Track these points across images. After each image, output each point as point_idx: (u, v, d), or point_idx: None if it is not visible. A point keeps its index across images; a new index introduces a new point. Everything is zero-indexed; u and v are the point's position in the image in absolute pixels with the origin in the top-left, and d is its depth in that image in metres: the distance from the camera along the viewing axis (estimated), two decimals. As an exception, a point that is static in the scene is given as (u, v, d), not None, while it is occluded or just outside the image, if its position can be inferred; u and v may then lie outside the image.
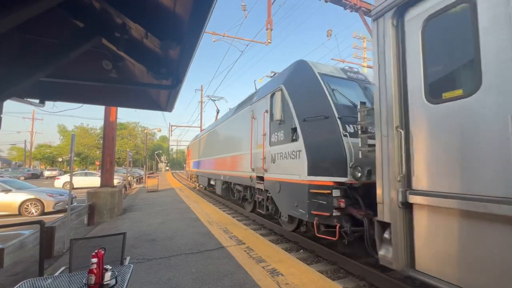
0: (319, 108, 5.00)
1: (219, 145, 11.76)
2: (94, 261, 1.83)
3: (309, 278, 3.35)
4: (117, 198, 7.93)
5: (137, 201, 11.22)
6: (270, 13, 11.07)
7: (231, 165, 9.48)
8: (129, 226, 6.45)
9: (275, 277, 3.41)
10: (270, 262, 3.93)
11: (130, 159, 17.26)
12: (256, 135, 7.20)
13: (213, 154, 12.55)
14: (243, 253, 4.36)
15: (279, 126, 5.88)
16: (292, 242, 6.03)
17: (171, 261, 4.06)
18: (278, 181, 5.78)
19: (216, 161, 11.95)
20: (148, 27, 2.02)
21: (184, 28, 1.99)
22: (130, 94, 4.20)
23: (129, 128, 67.33)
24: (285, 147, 5.66)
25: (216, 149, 12.09)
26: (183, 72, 2.85)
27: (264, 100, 6.95)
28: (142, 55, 2.64)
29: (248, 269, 3.67)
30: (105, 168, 8.28)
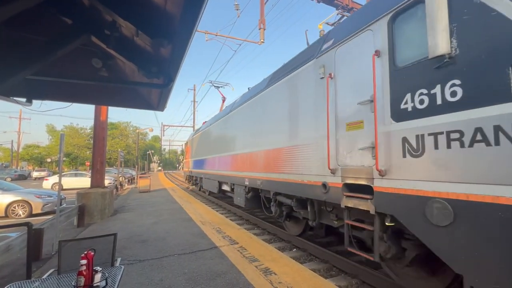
0: None
1: (240, 137, 8.06)
2: (83, 263, 1.80)
3: (302, 277, 3.37)
4: (108, 199, 7.80)
5: (128, 202, 11.06)
6: (263, 13, 11.08)
7: (268, 163, 5.93)
8: (121, 227, 6.35)
9: (268, 276, 3.42)
10: (263, 262, 3.93)
11: (122, 159, 17.00)
12: (341, 105, 3.82)
13: (229, 149, 8.95)
14: (236, 252, 4.35)
15: (439, 70, 2.55)
16: (285, 241, 6.06)
17: (163, 261, 4.02)
18: (445, 198, 2.42)
19: (235, 158, 8.32)
20: (138, 25, 1.99)
21: (176, 26, 1.97)
22: (121, 93, 4.13)
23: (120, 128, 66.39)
24: (474, 115, 2.26)
25: (235, 142, 8.42)
26: (175, 70, 2.81)
27: (366, 36, 3.53)
28: (132, 53, 2.60)
29: (241, 269, 3.66)
30: (95, 169, 8.14)
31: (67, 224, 6.41)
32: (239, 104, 8.30)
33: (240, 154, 7.89)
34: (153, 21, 2.01)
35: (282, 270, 3.61)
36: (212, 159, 11.18)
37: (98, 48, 2.66)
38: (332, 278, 4.08)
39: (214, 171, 10.81)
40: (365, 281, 3.92)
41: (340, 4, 11.81)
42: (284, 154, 5.26)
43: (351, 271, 4.19)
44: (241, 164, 7.75)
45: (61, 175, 5.51)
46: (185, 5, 1.76)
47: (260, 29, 11.37)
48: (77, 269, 1.82)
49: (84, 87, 3.69)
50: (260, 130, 6.50)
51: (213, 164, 11.09)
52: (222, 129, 10.06)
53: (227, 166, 9.14)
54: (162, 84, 3.15)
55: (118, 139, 63.07)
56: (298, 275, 3.44)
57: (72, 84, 3.41)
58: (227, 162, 9.08)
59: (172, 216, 7.59)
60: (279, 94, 5.68)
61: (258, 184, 6.35)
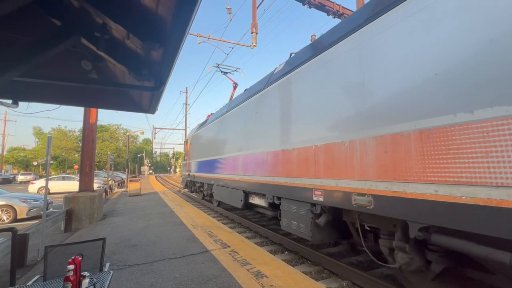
0: None
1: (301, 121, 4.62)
2: (70, 268, 1.76)
3: (293, 279, 3.38)
4: (97, 203, 7.64)
5: (118, 206, 10.86)
6: (255, 17, 11.17)
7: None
8: (110, 231, 6.23)
9: (260, 279, 3.41)
10: (255, 265, 3.93)
11: (111, 162, 16.70)
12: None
13: (272, 142, 5.55)
14: (228, 256, 4.33)
15: None
16: (277, 244, 6.07)
17: (153, 266, 3.96)
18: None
19: (288, 155, 4.92)
20: (129, 27, 1.99)
21: (167, 29, 1.97)
22: (111, 95, 4.08)
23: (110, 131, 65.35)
24: None
25: (294, 128, 4.83)
26: (166, 73, 2.81)
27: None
28: (123, 56, 2.58)
29: (233, 272, 3.65)
30: (84, 172, 7.97)
31: (53, 229, 6.24)
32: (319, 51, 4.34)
33: (312, 147, 4.23)
34: (144, 24, 2.01)
35: (273, 273, 3.61)
36: (233, 159, 7.81)
37: (88, 50, 2.63)
38: (323, 280, 4.11)
39: (235, 175, 7.47)
40: (356, 283, 3.95)
41: (331, 9, 12.04)
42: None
43: (342, 273, 4.22)
44: (303, 164, 4.42)
45: (48, 179, 5.38)
46: (176, 9, 1.77)
47: (253, 33, 11.45)
48: (64, 275, 1.78)
49: (73, 89, 3.63)
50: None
51: (233, 166, 7.77)
52: (254, 114, 6.53)
53: (264, 169, 5.83)
54: (153, 87, 3.14)
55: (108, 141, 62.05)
56: (290, 277, 3.45)
57: (61, 86, 3.35)
58: (266, 163, 5.77)
59: (163, 220, 7.50)
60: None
61: (363, 203, 3.19)
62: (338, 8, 12.19)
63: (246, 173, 6.84)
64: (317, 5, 11.75)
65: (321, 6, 11.93)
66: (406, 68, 2.83)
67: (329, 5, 12.10)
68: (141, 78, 2.78)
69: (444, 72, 2.45)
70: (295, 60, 5.10)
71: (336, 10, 12.08)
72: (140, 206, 10.50)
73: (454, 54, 2.40)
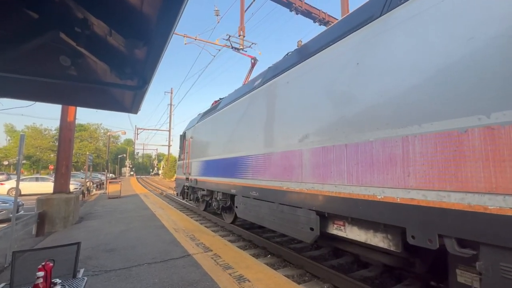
0: None
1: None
2: (40, 275, 1.66)
3: (275, 283, 3.38)
4: (72, 205, 7.29)
5: (96, 208, 10.42)
6: (242, 20, 11.22)
7: None
8: (86, 235, 5.95)
9: (242, 283, 3.38)
10: (237, 269, 3.89)
11: (90, 163, 16.03)
12: None
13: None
14: (210, 260, 4.26)
15: None
16: (260, 248, 6.05)
17: (132, 271, 3.82)
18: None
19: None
20: (112, 24, 1.92)
21: (152, 28, 1.93)
22: (91, 93, 3.92)
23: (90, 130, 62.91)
24: None
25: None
26: (150, 73, 2.74)
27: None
28: (105, 53, 2.49)
29: (215, 277, 3.59)
30: (59, 173, 7.59)
31: (24, 233, 5.87)
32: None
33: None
34: (127, 22, 1.95)
35: (256, 276, 3.59)
36: (298, 154, 4.40)
37: (66, 45, 2.51)
38: (305, 283, 4.14)
39: (299, 184, 4.32)
40: (337, 285, 4.01)
41: (317, 17, 12.34)
42: None
43: (324, 276, 4.27)
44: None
45: (19, 179, 5.07)
46: (162, 7, 1.73)
47: (240, 36, 11.48)
48: (33, 283, 1.67)
49: (50, 85, 3.46)
50: None
51: (294, 167, 4.45)
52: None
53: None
54: (136, 86, 3.04)
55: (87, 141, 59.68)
56: (272, 281, 3.44)
57: (36, 81, 3.18)
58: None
59: (144, 224, 7.27)
60: None
61: None
62: (324, 16, 12.51)
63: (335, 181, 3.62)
64: (304, 11, 12.02)
65: (308, 13, 12.20)
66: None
67: (316, 12, 12.40)
68: (123, 77, 2.70)
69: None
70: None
71: (322, 18, 12.39)
72: (119, 209, 10.13)
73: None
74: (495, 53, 2.18)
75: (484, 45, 2.25)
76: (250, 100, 6.28)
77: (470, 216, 2.24)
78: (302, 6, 11.64)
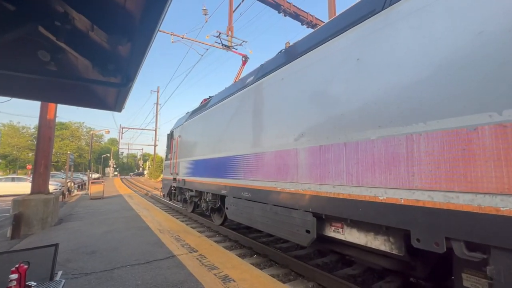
0: None
1: None
2: (13, 278, 1.59)
3: (260, 283, 3.39)
4: (52, 206, 7.01)
5: (77, 210, 10.06)
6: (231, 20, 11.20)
7: None
8: (66, 237, 5.74)
9: (227, 283, 3.37)
10: (222, 269, 3.87)
11: (71, 163, 15.47)
12: None
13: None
14: (195, 261, 4.22)
15: None
16: (246, 248, 6.05)
17: (113, 274, 3.71)
18: None
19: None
20: (94, 19, 1.87)
21: (136, 24, 1.89)
22: (73, 90, 3.79)
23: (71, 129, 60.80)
24: None
25: None
26: (135, 70, 2.69)
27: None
28: (86, 49, 2.42)
29: (200, 277, 3.55)
30: (38, 173, 7.28)
31: (-2, 235, 5.59)
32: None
33: None
34: (110, 17, 1.90)
35: (241, 276, 3.59)
36: (293, 153, 4.26)
37: (46, 39, 2.42)
38: (290, 282, 4.18)
39: (295, 184, 4.17)
40: (321, 283, 4.07)
41: (305, 19, 12.50)
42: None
43: (309, 274, 4.33)
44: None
45: (-7, 179, 4.81)
46: (146, 4, 1.71)
47: (228, 36, 11.45)
48: (6, 286, 1.60)
49: (27, 81, 3.32)
50: None
51: (291, 167, 4.28)
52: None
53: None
54: (119, 84, 2.97)
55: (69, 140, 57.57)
56: (257, 281, 3.45)
57: (13, 76, 3.04)
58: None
59: (127, 225, 7.09)
60: None
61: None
62: (311, 18, 12.69)
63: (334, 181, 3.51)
64: (292, 14, 12.14)
65: (296, 15, 12.33)
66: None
67: (303, 15, 12.56)
68: (106, 74, 2.63)
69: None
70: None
71: (309, 21, 12.57)
72: (102, 210, 9.84)
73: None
74: (507, 47, 2.10)
75: (495, 39, 2.16)
76: (243, 98, 6.02)
77: (480, 218, 2.12)
78: (290, 8, 11.77)
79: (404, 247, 2.94)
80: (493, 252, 2.12)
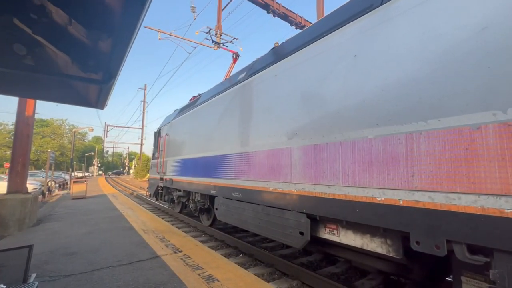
0: None
1: None
2: (-19, 281, 1.51)
3: (244, 282, 3.39)
4: (30, 206, 6.73)
5: (57, 210, 9.71)
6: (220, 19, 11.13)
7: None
8: (44, 238, 5.53)
9: (211, 283, 3.35)
10: (207, 269, 3.84)
11: (52, 161, 14.91)
12: None
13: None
14: (179, 261, 4.17)
15: None
16: (232, 248, 6.04)
17: (94, 275, 3.61)
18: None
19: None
20: (71, 13, 1.81)
21: (116, 19, 1.84)
22: (52, 85, 3.63)
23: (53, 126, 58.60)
24: None
25: None
26: (117, 67, 2.61)
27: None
28: (65, 43, 2.32)
29: (183, 278, 3.52)
30: (15, 171, 6.97)
31: (-30, 237, 5.32)
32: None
33: None
34: (89, 11, 1.85)
35: (225, 276, 3.58)
36: (287, 152, 4.18)
37: (21, 32, 2.32)
38: (275, 281, 4.21)
39: (287, 184, 4.08)
40: (305, 282, 4.13)
41: (294, 20, 12.60)
42: None
43: (293, 273, 4.37)
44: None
45: (-35, 178, 4.57)
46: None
47: (217, 34, 11.37)
48: (-27, 290, 1.53)
49: (2, 75, 3.16)
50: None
51: (283, 167, 4.19)
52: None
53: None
54: (101, 80, 2.89)
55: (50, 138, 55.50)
56: (241, 280, 3.45)
57: (-14, 70, 2.90)
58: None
59: (110, 225, 6.91)
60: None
61: None
62: (300, 20, 12.80)
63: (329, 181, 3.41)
64: (281, 14, 12.20)
65: (285, 16, 12.41)
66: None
67: (292, 16, 12.65)
68: (86, 70, 2.55)
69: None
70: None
71: (298, 22, 12.68)
72: (84, 210, 9.54)
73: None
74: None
75: (500, 34, 2.10)
76: (234, 95, 5.82)
77: (483, 220, 2.05)
78: (279, 9, 11.82)
79: (402, 249, 2.88)
80: (497, 256, 2.05)
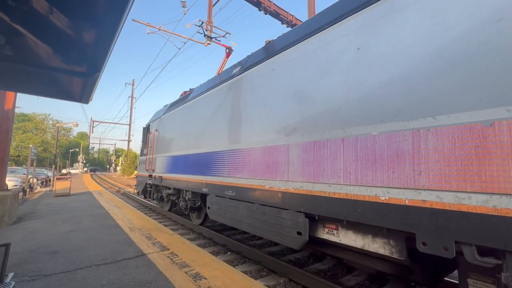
0: None
1: None
2: (-48, 282, 1.43)
3: (232, 279, 3.38)
4: (9, 204, 6.47)
5: (39, 208, 9.38)
6: (210, 14, 11.00)
7: None
8: (24, 237, 5.33)
9: (198, 281, 3.32)
10: (194, 267, 3.81)
11: (34, 157, 14.36)
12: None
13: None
14: (166, 259, 4.11)
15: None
16: (220, 245, 6.01)
17: (76, 274, 3.51)
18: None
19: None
20: (52, 1, 1.73)
21: (100, 9, 1.78)
22: (33, 78, 3.48)
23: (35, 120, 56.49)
24: None
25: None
26: (102, 59, 2.53)
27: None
28: (46, 33, 2.22)
29: (169, 276, 3.47)
30: (-7, 167, 6.68)
31: None
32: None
33: None
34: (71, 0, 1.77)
35: (212, 274, 3.56)
36: (283, 149, 4.03)
37: None
38: (262, 278, 4.22)
39: (287, 183, 3.88)
40: (292, 279, 4.16)
41: (285, 19, 12.60)
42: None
43: (280, 270, 4.40)
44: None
45: None
46: (112, -11, 1.61)
47: (207, 30, 11.24)
48: None
49: (-21, 65, 3.00)
50: None
51: (280, 164, 4.03)
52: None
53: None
54: (85, 73, 2.79)
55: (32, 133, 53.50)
56: (229, 278, 3.44)
57: (-40, 60, 2.74)
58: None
59: (95, 223, 6.74)
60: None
61: None
62: (291, 18, 12.83)
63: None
64: (272, 12, 12.18)
65: (276, 14, 12.39)
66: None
67: (284, 14, 12.66)
68: (69, 62, 2.47)
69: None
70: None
71: (289, 20, 12.70)
72: (67, 208, 9.26)
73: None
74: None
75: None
76: (228, 89, 5.58)
77: (496, 220, 1.96)
78: (270, 6, 11.80)
79: (405, 250, 2.75)
80: (509, 258, 1.98)
